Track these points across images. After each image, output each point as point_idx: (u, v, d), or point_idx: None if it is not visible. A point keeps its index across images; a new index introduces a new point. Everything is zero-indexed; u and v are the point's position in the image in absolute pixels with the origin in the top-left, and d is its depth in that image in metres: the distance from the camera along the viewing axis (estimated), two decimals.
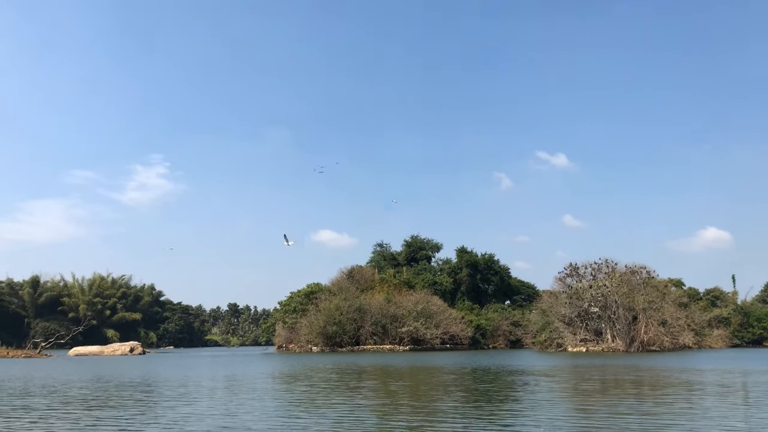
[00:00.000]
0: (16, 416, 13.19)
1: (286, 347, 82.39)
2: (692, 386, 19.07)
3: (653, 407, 13.49)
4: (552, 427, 10.64)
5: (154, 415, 12.95)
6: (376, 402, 15.30)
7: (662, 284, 69.22)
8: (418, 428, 10.73)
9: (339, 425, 11.38)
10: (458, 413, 12.92)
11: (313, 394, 17.94)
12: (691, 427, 10.72)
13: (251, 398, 16.77)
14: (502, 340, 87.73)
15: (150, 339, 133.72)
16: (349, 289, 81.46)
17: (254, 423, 11.73)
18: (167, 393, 18.74)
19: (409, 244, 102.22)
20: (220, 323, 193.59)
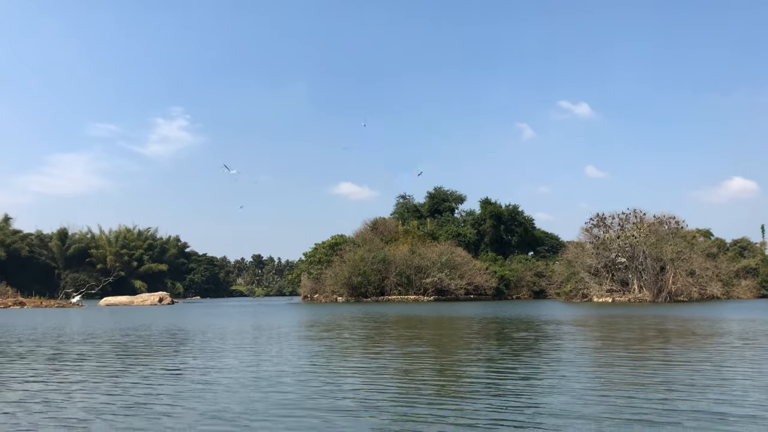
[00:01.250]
0: (60, 363, 13.42)
1: (311, 297, 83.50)
2: (739, 335, 18.86)
3: (713, 355, 13.35)
4: (606, 380, 10.52)
5: (210, 359, 13.11)
6: (429, 349, 15.34)
7: (690, 234, 68.40)
8: (480, 374, 10.72)
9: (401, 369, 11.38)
10: (514, 361, 12.87)
11: (370, 340, 18.05)
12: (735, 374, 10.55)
13: (302, 345, 16.94)
14: (526, 290, 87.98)
15: (177, 290, 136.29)
16: (374, 241, 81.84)
17: (302, 368, 11.80)
18: (215, 340, 18.99)
19: (432, 196, 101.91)
20: (244, 274, 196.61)
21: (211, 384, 10.04)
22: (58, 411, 7.90)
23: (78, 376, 11.20)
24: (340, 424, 6.96)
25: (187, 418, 7.40)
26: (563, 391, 8.92)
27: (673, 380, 9.96)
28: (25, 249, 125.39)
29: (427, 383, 9.98)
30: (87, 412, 7.77)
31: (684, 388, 9.21)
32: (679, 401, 8.16)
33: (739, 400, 8.20)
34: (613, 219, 66.76)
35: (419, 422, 7.07)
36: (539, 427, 6.76)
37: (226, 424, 7.12)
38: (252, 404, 8.18)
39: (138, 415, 7.61)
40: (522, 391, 9.01)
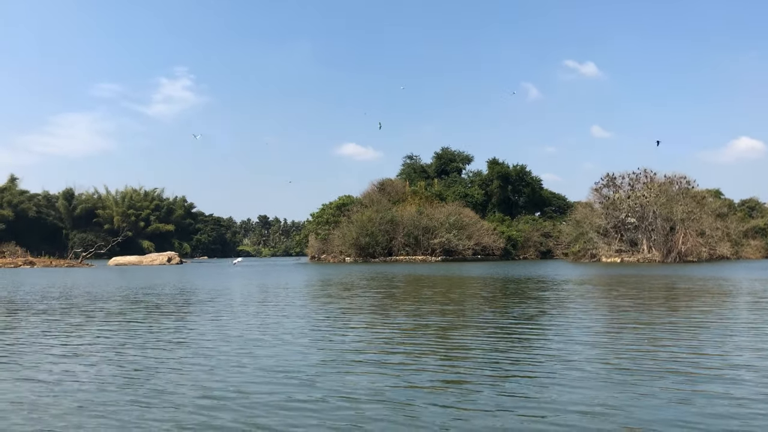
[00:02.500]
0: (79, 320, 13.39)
1: (319, 258, 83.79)
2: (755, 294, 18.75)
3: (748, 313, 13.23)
4: (646, 339, 10.39)
5: (232, 317, 13.06)
6: (451, 308, 15.26)
7: (701, 194, 67.98)
8: (506, 329, 10.62)
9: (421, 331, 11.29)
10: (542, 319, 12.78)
11: (389, 300, 18.00)
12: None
13: (316, 304, 16.91)
14: (533, 251, 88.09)
15: (184, 250, 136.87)
16: (381, 201, 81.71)
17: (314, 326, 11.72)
18: (233, 298, 18.97)
19: (439, 156, 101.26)
20: (250, 234, 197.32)
21: (239, 341, 9.97)
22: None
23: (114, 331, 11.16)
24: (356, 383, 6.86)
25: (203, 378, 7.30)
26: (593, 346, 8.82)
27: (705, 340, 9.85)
28: (33, 209, 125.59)
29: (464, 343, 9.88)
30: (158, 361, 7.70)
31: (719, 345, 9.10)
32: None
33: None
34: (623, 179, 66.38)
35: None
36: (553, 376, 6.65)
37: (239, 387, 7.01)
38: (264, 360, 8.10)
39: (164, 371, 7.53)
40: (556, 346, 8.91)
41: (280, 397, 6.25)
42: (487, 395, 6.22)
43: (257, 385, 6.78)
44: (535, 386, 6.58)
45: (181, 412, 5.73)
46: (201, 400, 6.14)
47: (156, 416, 5.63)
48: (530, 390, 6.42)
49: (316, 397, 6.20)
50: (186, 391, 6.54)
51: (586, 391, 6.32)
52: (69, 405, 6.03)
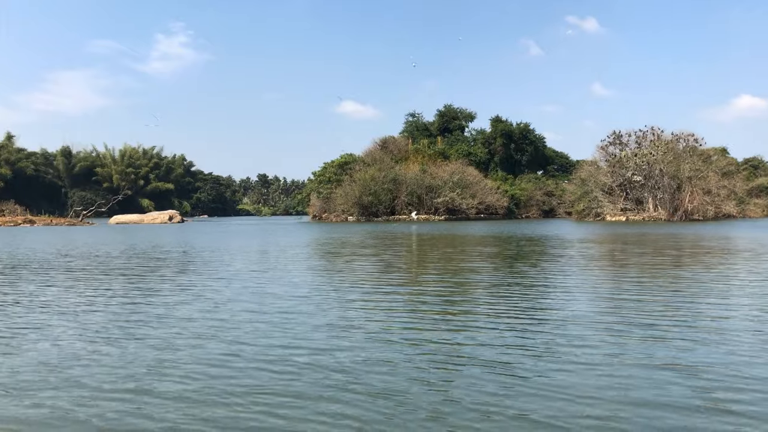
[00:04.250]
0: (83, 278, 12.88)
1: (321, 217, 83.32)
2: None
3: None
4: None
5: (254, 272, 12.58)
6: (485, 264, 14.79)
7: (707, 153, 67.14)
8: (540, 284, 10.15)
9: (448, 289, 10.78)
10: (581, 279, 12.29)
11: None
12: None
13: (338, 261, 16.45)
14: (536, 209, 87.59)
15: (184, 208, 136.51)
16: (383, 160, 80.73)
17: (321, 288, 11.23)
18: (246, 257, 18.49)
19: (442, 114, 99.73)
20: (250, 193, 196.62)
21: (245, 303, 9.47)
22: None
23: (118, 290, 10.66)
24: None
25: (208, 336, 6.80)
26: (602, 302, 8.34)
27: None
28: (30, 167, 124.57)
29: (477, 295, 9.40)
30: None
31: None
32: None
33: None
34: (629, 137, 65.45)
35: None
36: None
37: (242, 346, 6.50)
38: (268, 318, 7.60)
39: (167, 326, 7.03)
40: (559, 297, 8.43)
41: (272, 360, 5.76)
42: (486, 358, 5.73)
43: (249, 351, 6.28)
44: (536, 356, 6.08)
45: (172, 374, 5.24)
46: (199, 361, 5.65)
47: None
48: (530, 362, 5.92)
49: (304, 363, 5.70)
50: (185, 354, 6.04)
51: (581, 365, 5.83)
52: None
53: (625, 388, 4.96)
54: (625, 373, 5.37)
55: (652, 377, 5.26)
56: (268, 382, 5.27)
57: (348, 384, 5.18)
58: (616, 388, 4.96)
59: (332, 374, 5.47)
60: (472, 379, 5.29)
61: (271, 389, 5.08)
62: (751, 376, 5.28)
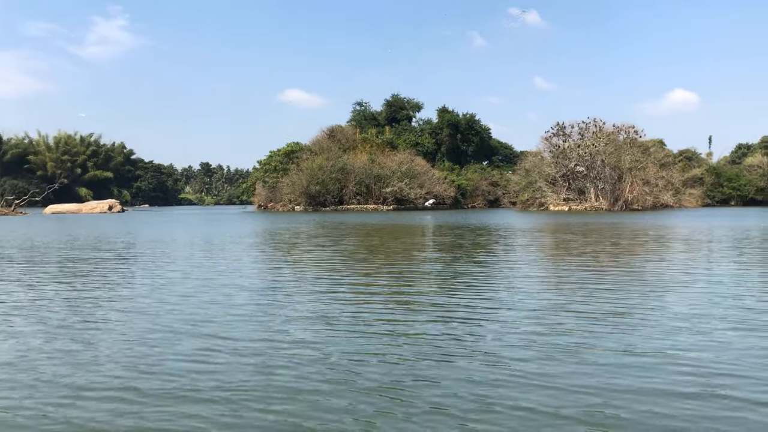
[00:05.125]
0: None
1: (266, 206, 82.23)
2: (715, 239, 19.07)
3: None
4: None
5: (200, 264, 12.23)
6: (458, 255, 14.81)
7: (646, 144, 69.40)
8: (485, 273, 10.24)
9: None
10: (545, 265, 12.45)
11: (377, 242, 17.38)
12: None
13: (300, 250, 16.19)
14: (481, 199, 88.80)
15: (124, 197, 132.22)
16: (331, 149, 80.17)
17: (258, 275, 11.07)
18: (191, 249, 18.01)
19: (389, 104, 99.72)
20: (192, 182, 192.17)
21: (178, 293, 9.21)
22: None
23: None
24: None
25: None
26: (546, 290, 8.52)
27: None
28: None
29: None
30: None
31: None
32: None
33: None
34: (572, 128, 66.99)
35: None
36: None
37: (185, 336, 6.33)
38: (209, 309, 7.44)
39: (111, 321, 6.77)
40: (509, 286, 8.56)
41: (212, 358, 5.62)
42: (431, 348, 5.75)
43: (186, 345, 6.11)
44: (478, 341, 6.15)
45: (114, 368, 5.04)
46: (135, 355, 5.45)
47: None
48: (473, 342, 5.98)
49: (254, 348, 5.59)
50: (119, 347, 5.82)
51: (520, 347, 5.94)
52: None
53: (609, 376, 5.03)
54: (612, 361, 5.45)
55: (633, 364, 5.36)
56: (255, 377, 5.12)
57: (338, 377, 5.07)
58: (602, 376, 5.03)
59: (319, 367, 5.34)
60: (461, 370, 5.26)
61: (260, 384, 4.93)
62: (727, 360, 5.44)
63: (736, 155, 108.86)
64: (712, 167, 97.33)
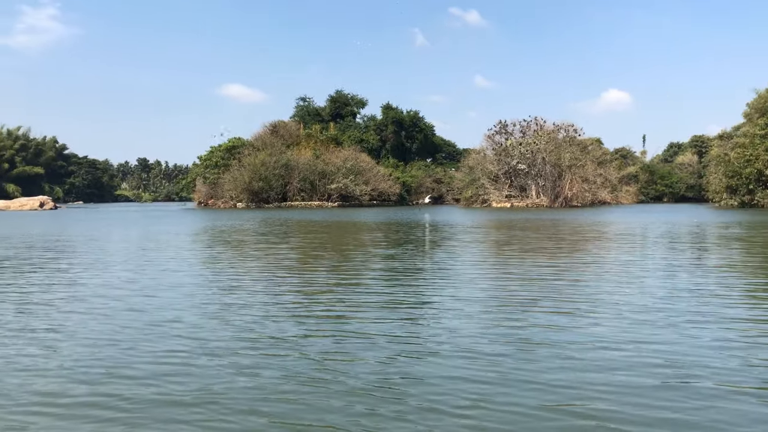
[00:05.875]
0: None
1: (207, 203, 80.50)
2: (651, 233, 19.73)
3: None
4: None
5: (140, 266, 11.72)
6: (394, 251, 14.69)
7: (585, 143, 71.43)
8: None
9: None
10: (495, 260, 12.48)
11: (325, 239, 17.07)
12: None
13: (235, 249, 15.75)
14: (425, 196, 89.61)
15: (56, 194, 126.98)
16: (274, 145, 79.14)
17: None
18: (141, 247, 17.33)
19: (333, 100, 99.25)
20: (129, 178, 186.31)
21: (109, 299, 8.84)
22: None
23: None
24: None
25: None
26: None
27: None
28: None
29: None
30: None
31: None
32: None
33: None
34: (514, 126, 68.28)
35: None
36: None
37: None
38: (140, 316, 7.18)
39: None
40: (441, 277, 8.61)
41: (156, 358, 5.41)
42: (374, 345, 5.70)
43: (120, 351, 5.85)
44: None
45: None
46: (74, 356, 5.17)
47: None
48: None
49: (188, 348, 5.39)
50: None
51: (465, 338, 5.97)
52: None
53: (587, 369, 5.02)
54: (587, 355, 5.45)
55: (603, 357, 5.38)
56: (237, 378, 4.89)
57: (320, 375, 4.89)
58: (579, 369, 5.02)
59: (299, 367, 5.14)
60: (439, 366, 5.16)
61: (242, 385, 4.71)
62: (692, 351, 5.52)
63: (668, 153, 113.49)
64: (646, 165, 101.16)
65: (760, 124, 52.74)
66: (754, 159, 51.59)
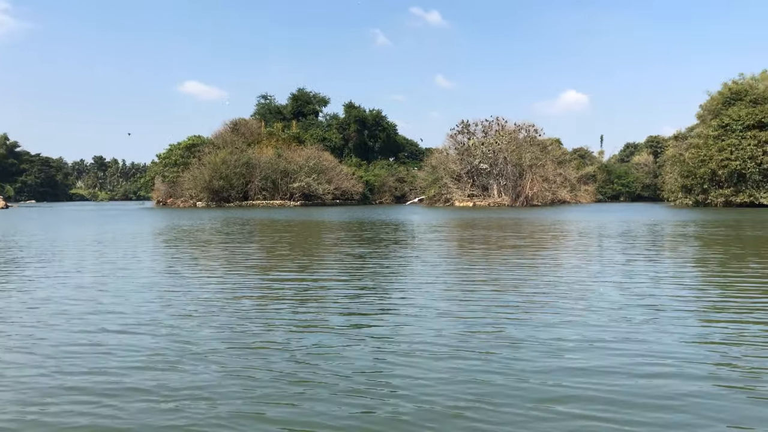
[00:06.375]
0: None
1: (166, 202, 78.99)
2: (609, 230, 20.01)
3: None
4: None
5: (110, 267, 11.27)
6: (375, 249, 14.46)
7: (546, 143, 72.42)
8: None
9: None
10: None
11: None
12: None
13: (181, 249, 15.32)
14: (388, 195, 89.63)
15: (6, 193, 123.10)
16: (235, 143, 78.10)
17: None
18: (111, 245, 16.72)
19: (295, 98, 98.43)
20: (85, 177, 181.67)
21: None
22: None
23: None
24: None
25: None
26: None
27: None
28: None
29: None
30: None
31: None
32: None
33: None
34: (476, 126, 68.78)
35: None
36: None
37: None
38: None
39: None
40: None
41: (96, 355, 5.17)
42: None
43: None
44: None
45: None
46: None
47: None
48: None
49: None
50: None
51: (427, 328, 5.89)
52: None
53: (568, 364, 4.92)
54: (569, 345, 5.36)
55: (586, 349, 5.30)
56: (226, 380, 4.69)
57: (310, 377, 4.69)
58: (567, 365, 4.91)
59: (287, 367, 4.92)
60: (413, 367, 5.00)
61: (233, 386, 4.49)
62: (667, 344, 5.48)
63: (625, 153, 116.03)
64: (604, 165, 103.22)
65: (713, 125, 54.20)
66: (708, 159, 52.99)
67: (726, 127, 53.25)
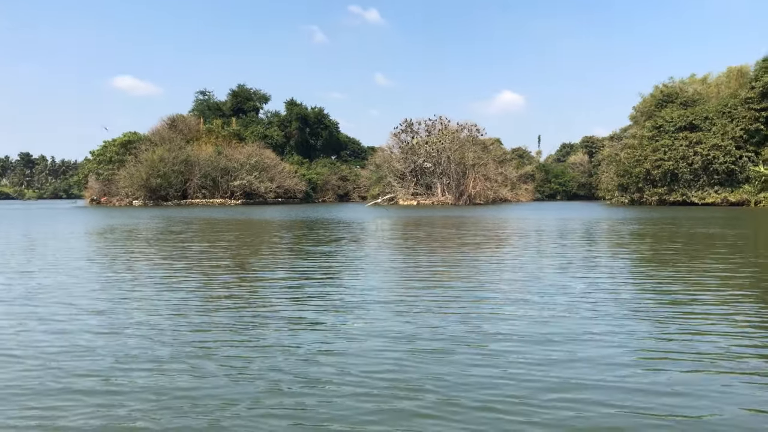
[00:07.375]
0: None
1: (100, 201, 76.10)
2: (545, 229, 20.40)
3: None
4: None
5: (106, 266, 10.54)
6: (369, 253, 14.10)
7: (487, 142, 73.52)
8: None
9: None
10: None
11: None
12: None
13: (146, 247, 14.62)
14: (331, 194, 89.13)
15: None
16: (173, 140, 75.91)
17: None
18: (81, 242, 15.75)
19: (235, 94, 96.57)
20: (10, 174, 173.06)
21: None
22: None
23: None
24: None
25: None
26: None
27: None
28: None
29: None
30: None
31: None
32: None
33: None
34: (420, 125, 69.10)
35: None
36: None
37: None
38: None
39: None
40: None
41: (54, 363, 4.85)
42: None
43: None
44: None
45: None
46: None
47: None
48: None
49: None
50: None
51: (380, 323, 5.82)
52: None
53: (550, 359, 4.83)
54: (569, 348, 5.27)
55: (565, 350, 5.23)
56: (220, 383, 4.34)
57: (292, 378, 4.41)
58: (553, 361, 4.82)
59: (270, 370, 4.62)
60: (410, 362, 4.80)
61: (225, 391, 4.15)
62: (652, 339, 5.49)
63: (561, 153, 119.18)
64: (542, 165, 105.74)
65: (648, 126, 56.23)
66: (643, 159, 54.95)
67: (660, 128, 55.34)
